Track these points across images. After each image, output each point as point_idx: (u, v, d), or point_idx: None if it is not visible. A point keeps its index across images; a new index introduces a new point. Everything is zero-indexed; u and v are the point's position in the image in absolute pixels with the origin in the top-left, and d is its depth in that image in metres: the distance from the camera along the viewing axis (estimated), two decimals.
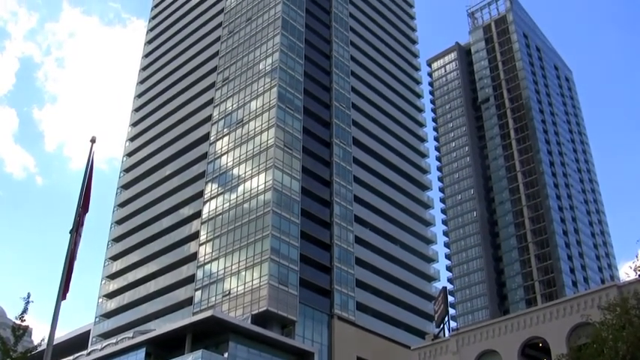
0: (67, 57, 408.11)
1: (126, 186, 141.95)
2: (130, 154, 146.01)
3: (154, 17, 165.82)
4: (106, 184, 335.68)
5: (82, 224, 24.58)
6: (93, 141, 25.62)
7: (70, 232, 24.09)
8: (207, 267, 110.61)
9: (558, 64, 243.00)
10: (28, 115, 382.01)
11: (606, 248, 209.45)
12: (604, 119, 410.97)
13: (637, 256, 43.83)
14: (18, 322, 32.48)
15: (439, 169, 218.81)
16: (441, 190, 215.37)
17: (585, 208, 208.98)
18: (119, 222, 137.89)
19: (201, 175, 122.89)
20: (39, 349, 34.18)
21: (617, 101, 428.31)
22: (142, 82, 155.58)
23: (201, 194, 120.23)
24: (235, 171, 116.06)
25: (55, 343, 23.49)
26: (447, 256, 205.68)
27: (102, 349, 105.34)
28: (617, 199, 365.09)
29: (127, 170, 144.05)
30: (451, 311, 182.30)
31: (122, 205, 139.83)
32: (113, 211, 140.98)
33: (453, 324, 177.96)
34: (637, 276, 45.13)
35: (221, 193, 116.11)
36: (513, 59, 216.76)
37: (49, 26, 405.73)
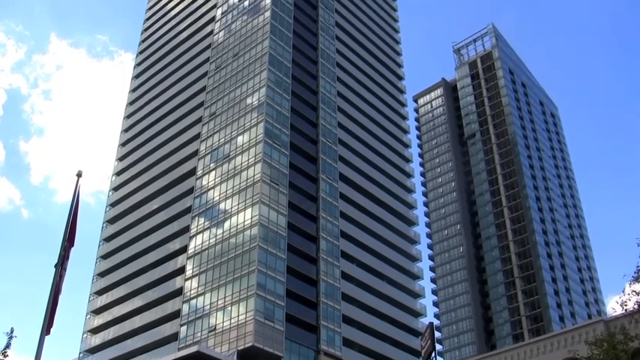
0: (54, 89, 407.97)
1: (111, 220, 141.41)
2: (116, 189, 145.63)
3: (141, 52, 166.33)
4: (92, 218, 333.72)
5: (68, 258, 24.46)
6: (79, 175, 25.58)
7: (55, 266, 23.95)
8: (193, 302, 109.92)
9: (544, 100, 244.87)
10: (14, 147, 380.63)
11: (593, 283, 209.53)
12: (590, 154, 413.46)
13: (624, 291, 43.84)
14: (0, 357, 32.08)
15: (426, 204, 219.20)
16: (428, 225, 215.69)
17: (572, 244, 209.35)
18: (104, 256, 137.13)
19: (187, 210, 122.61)
20: None
21: (602, 135, 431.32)
22: (128, 116, 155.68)
23: (187, 229, 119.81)
24: (222, 206, 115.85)
25: None
26: (434, 292, 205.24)
27: None
28: (603, 235, 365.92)
29: (113, 205, 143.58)
30: (438, 347, 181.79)
31: (108, 239, 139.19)
32: (99, 246, 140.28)
33: None
34: (624, 311, 45.16)
35: (207, 228, 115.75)
36: (499, 95, 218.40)
37: (37, 58, 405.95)
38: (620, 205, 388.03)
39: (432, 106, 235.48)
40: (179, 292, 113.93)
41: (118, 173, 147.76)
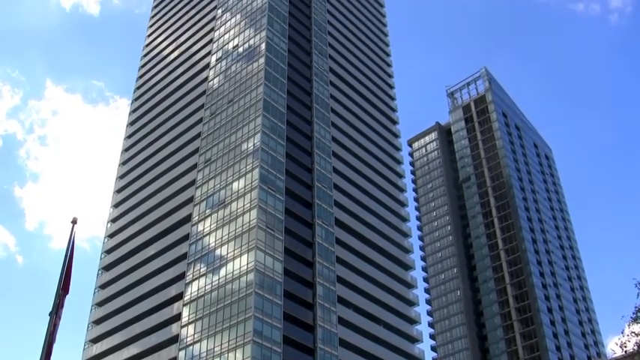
0: (49, 135, 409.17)
1: (107, 267, 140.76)
2: (111, 236, 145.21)
3: (136, 99, 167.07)
4: (88, 264, 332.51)
5: (62, 306, 24.32)
6: (74, 222, 25.55)
7: (49, 315, 23.80)
8: (190, 349, 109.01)
9: (538, 142, 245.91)
10: (8, 192, 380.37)
11: (591, 325, 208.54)
12: (585, 194, 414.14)
13: (623, 332, 43.53)
14: None
15: (422, 248, 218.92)
16: (424, 269, 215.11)
17: (569, 285, 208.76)
18: (100, 304, 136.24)
19: (183, 257, 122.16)
20: None
21: (597, 176, 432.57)
22: (123, 163, 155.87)
23: (183, 276, 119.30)
24: (218, 252, 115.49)
25: None
26: (432, 336, 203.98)
27: None
28: (600, 275, 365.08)
29: (109, 251, 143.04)
30: None
31: (103, 286, 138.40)
32: (94, 293, 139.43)
33: None
34: (623, 352, 44.85)
35: (203, 275, 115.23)
36: (493, 138, 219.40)
37: (33, 104, 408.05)
38: (617, 246, 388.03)
39: (426, 150, 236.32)
40: (175, 339, 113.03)
41: (114, 220, 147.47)
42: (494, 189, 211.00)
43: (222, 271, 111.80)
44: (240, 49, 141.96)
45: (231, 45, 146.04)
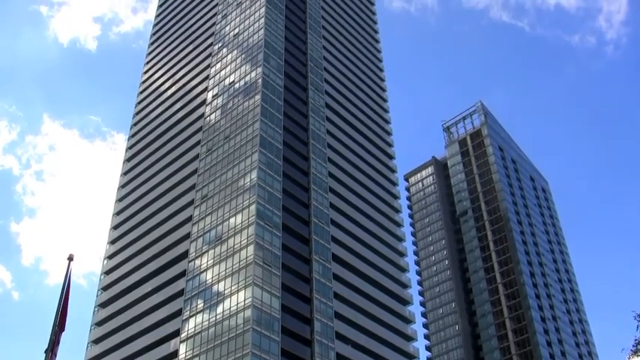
0: (46, 170, 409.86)
1: (103, 304, 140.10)
2: (107, 272, 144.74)
3: (133, 135, 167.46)
4: (84, 300, 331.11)
5: (58, 343, 24.30)
6: (70, 259, 25.59)
7: (45, 352, 23.78)
8: None
9: (534, 175, 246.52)
10: (4, 228, 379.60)
11: (591, 358, 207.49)
12: (582, 227, 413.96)
13: None
14: None
15: (420, 283, 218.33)
16: (422, 304, 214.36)
17: (568, 318, 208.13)
18: (96, 341, 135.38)
19: (180, 293, 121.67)
20: None
21: (593, 208, 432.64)
22: (120, 199, 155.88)
23: (180, 312, 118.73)
24: (214, 288, 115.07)
25: None
26: None
27: None
28: (599, 307, 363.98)
29: (105, 288, 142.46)
30: None
31: (99, 323, 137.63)
32: (90, 330, 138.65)
33: None
34: None
35: (200, 311, 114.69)
36: (490, 172, 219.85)
37: (30, 139, 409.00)
38: (615, 278, 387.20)
39: (423, 185, 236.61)
40: None
41: (110, 256, 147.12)
42: (492, 223, 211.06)
43: (220, 308, 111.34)
44: (237, 86, 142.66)
45: (227, 81, 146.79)
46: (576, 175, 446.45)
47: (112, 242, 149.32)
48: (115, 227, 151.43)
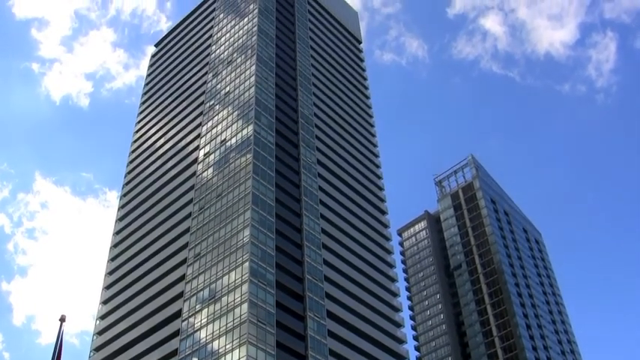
0: (38, 228, 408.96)
1: None
2: (100, 333, 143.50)
3: (125, 194, 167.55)
4: None
5: None
6: (62, 320, 25.40)
7: None
8: None
9: (527, 227, 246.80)
10: None
11: None
12: (577, 277, 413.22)
13: None
14: None
15: (415, 337, 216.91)
16: (419, 359, 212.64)
17: None
18: None
19: (174, 353, 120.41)
20: None
21: (589, 258, 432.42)
22: (113, 259, 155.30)
23: None
24: (209, 347, 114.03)
25: None
26: None
27: None
28: (597, 357, 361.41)
29: (98, 349, 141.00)
30: None
31: None
32: None
33: None
34: None
35: None
36: (483, 225, 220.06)
37: (21, 196, 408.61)
38: (612, 327, 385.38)
39: (416, 239, 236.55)
40: None
41: (103, 317, 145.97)
42: (486, 276, 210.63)
43: None
44: (228, 143, 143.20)
45: (219, 139, 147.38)
46: (569, 225, 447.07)
47: (105, 302, 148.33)
48: (108, 287, 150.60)
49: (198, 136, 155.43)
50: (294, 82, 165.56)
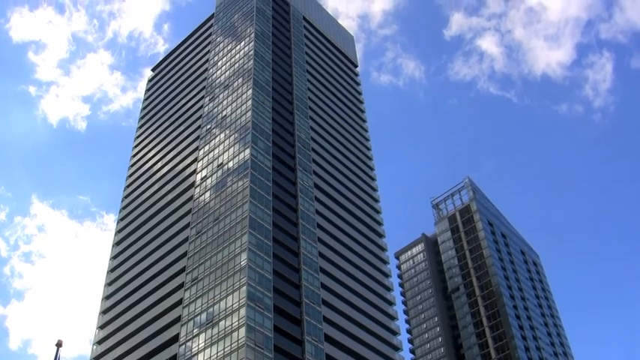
0: (34, 251, 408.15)
1: None
2: (97, 358, 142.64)
3: (122, 219, 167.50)
4: None
5: None
6: (59, 345, 25.43)
7: None
8: None
9: (525, 249, 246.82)
10: None
11: None
12: (576, 298, 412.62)
13: None
14: None
15: None
16: None
17: None
18: None
19: None
20: None
21: (586, 279, 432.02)
22: (110, 283, 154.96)
23: None
24: None
25: None
26: None
27: None
28: None
29: None
30: None
31: None
32: None
33: None
34: None
35: None
36: (480, 247, 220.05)
37: (18, 220, 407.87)
38: (610, 349, 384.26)
39: (414, 262, 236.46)
40: None
41: (100, 342, 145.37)
42: (484, 298, 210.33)
43: None
44: (226, 167, 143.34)
45: (216, 163, 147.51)
46: (567, 247, 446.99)
47: (102, 327, 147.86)
48: (105, 312, 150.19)
49: (196, 159, 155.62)
50: (290, 106, 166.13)
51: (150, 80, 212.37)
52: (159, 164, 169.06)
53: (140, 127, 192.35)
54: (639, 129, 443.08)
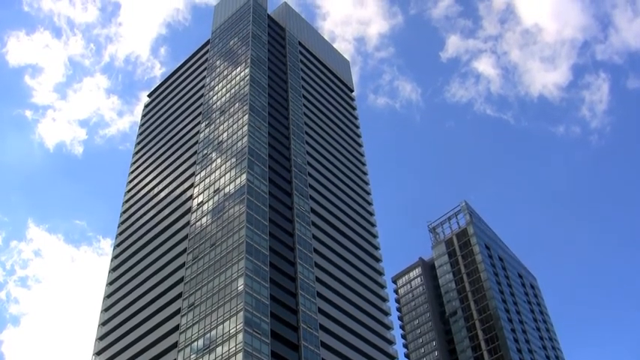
0: (31, 276, 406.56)
1: None
2: None
3: (118, 244, 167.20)
4: None
5: None
6: None
7: None
8: None
9: (522, 272, 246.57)
10: None
11: None
12: (574, 321, 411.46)
13: None
14: None
15: None
16: None
17: None
18: None
19: None
20: None
21: (585, 301, 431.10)
22: (106, 309, 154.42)
23: None
24: None
25: None
26: None
27: None
28: None
29: None
30: None
31: None
32: None
33: None
34: None
35: None
36: (477, 271, 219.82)
37: (14, 244, 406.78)
38: None
39: (411, 286, 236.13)
40: None
41: None
42: (482, 322, 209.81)
43: None
44: (222, 192, 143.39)
45: (212, 188, 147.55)
46: (565, 269, 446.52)
47: (98, 353, 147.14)
48: (101, 338, 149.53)
49: (192, 185, 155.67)
50: (286, 131, 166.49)
51: (146, 105, 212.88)
52: (156, 189, 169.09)
53: (137, 153, 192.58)
54: (635, 149, 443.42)
